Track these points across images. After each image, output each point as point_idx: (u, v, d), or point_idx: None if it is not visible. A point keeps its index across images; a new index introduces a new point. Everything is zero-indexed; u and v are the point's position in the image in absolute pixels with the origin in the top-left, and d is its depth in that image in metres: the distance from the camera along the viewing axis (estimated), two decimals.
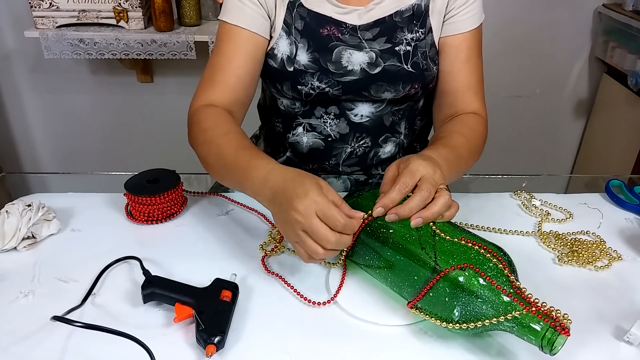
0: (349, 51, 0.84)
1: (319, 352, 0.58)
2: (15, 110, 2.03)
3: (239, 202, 0.86)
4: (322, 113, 0.90)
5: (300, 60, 0.84)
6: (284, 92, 0.89)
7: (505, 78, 2.00)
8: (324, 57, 0.84)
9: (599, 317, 0.64)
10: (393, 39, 0.84)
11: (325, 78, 0.85)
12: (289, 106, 0.92)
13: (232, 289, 0.63)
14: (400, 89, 0.86)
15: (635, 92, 1.74)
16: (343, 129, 0.91)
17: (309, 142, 0.93)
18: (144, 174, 0.83)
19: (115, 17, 1.62)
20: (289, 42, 0.84)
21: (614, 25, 1.82)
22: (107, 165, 2.14)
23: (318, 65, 0.84)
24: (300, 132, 0.93)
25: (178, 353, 0.57)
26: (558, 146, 2.18)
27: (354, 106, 0.89)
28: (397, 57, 0.84)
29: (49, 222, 0.76)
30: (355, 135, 0.92)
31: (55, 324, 0.59)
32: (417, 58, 0.85)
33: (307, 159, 0.96)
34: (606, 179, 0.92)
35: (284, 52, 0.85)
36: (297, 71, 0.84)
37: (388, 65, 0.84)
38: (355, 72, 0.85)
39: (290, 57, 0.84)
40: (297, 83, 0.85)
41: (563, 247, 0.76)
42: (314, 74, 0.84)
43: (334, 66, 0.84)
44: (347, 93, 0.87)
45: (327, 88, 0.85)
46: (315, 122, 0.91)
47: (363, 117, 0.90)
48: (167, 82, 1.97)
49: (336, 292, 0.66)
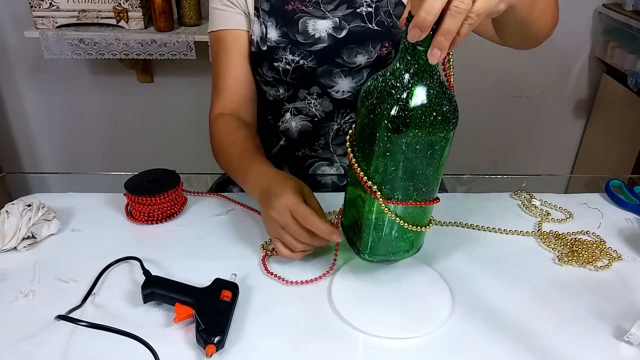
0: (313, 20, 0.90)
1: (319, 352, 0.58)
2: (15, 110, 2.02)
3: (239, 202, 0.86)
4: (305, 95, 0.95)
5: (271, 37, 0.90)
6: (265, 75, 0.93)
7: (505, 78, 2.00)
8: (292, 30, 0.90)
9: (599, 317, 0.64)
10: (353, 4, 0.90)
11: (297, 49, 0.90)
12: (274, 95, 0.97)
13: (232, 289, 0.63)
14: (371, 49, 0.90)
15: (635, 92, 1.74)
16: (327, 107, 0.95)
17: (298, 125, 0.98)
18: (144, 174, 0.83)
19: (115, 17, 1.62)
20: (259, 24, 0.91)
21: (614, 25, 1.82)
22: (107, 165, 2.14)
23: (287, 38, 0.90)
24: (289, 118, 0.97)
25: (178, 353, 0.57)
26: (558, 146, 2.18)
27: (334, 83, 0.93)
28: (360, 17, 0.89)
29: (49, 222, 0.76)
30: (340, 112, 0.96)
31: (55, 324, 0.59)
32: (380, 17, 0.89)
33: (298, 144, 1.00)
34: (606, 179, 0.92)
35: (257, 34, 0.91)
36: (270, 48, 0.90)
37: (353, 26, 0.89)
38: (323, 39, 0.89)
39: (263, 37, 0.90)
40: (273, 60, 0.90)
41: (563, 247, 0.76)
42: (285, 48, 0.90)
43: (302, 37, 0.90)
44: (321, 63, 0.91)
45: (301, 60, 0.90)
46: (300, 105, 0.96)
47: (345, 93, 0.94)
48: (167, 82, 1.97)
49: (331, 265, 0.70)
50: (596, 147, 2.07)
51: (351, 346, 0.59)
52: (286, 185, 0.68)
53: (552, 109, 2.10)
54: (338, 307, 0.64)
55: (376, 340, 0.60)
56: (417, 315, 0.63)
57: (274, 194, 0.67)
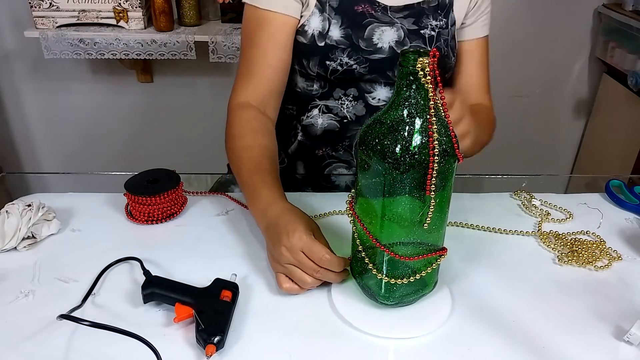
0: (381, 28, 0.87)
1: (319, 352, 0.58)
2: (15, 110, 2.02)
3: (239, 201, 0.86)
4: (340, 95, 0.92)
5: (333, 35, 0.86)
6: (309, 69, 0.89)
7: (505, 78, 2.00)
8: (357, 33, 0.87)
9: (599, 317, 0.64)
10: (419, 23, 0.89)
11: (355, 54, 0.87)
12: (305, 88, 0.94)
13: (232, 289, 0.63)
14: None
15: (635, 92, 1.74)
16: (360, 111, 0.93)
17: (324, 123, 0.95)
18: (144, 174, 0.83)
19: (115, 17, 1.62)
20: (322, 19, 0.86)
21: (614, 25, 1.82)
22: (107, 165, 2.14)
23: (350, 41, 0.86)
24: (316, 114, 0.95)
25: (178, 353, 0.57)
26: (558, 146, 2.18)
27: (373, 89, 0.92)
28: (422, 39, 0.89)
29: (49, 222, 0.76)
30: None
31: (55, 323, 0.59)
32: (440, 44, 0.90)
33: (320, 141, 0.97)
34: (606, 179, 0.92)
35: (316, 28, 0.86)
36: (328, 46, 0.86)
37: (414, 45, 0.89)
38: (384, 50, 0.88)
39: (322, 33, 0.86)
40: (326, 58, 0.87)
41: (563, 247, 0.76)
42: (344, 50, 0.86)
43: (365, 43, 0.87)
44: (373, 72, 0.89)
45: (355, 65, 0.88)
46: (332, 104, 0.93)
47: (380, 101, 0.93)
48: (167, 82, 1.97)
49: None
50: (596, 147, 2.07)
51: (351, 346, 0.59)
52: (297, 223, 0.65)
53: (552, 109, 2.10)
54: (338, 307, 0.64)
55: (376, 340, 0.60)
56: (417, 315, 0.63)
57: (285, 232, 0.64)
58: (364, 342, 0.60)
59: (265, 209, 0.70)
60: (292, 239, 0.63)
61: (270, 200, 0.71)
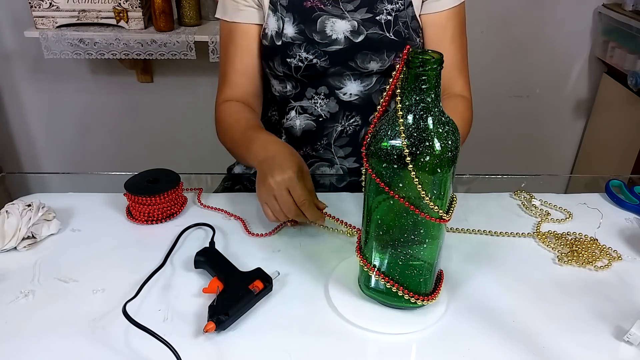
0: (332, 19, 0.88)
1: (319, 352, 0.58)
2: (15, 110, 2.02)
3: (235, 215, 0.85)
4: (312, 94, 0.94)
5: (287, 33, 0.89)
6: (275, 69, 0.93)
7: (505, 78, 2.00)
8: (309, 28, 0.88)
9: (599, 317, 0.64)
10: (373, 10, 0.88)
11: (312, 48, 0.89)
12: (281, 91, 0.96)
13: (265, 282, 0.65)
14: (385, 57, 0.89)
15: (635, 92, 1.74)
16: (333, 108, 0.95)
17: (302, 124, 0.97)
18: (144, 174, 0.83)
19: (115, 17, 1.62)
20: (276, 19, 0.89)
21: (614, 25, 1.82)
22: (107, 165, 2.14)
23: (304, 36, 0.89)
24: (293, 116, 0.97)
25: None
26: (558, 146, 2.18)
27: (343, 85, 0.93)
28: (379, 25, 0.88)
29: (49, 222, 0.76)
30: (345, 114, 0.95)
31: (54, 324, 0.59)
32: (399, 27, 0.89)
33: (301, 142, 0.99)
34: (606, 179, 0.92)
35: (273, 28, 0.90)
36: (285, 44, 0.89)
37: (370, 33, 0.88)
38: (339, 41, 0.89)
39: (278, 32, 0.89)
40: (286, 56, 0.90)
41: (563, 247, 0.76)
42: (300, 45, 0.89)
43: (319, 36, 0.88)
44: (335, 64, 0.90)
45: (315, 59, 0.89)
46: (306, 104, 0.95)
47: (352, 96, 0.93)
48: (167, 82, 1.97)
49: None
50: (596, 147, 2.07)
51: (352, 346, 0.59)
52: (291, 162, 0.72)
53: (552, 109, 2.10)
54: (337, 305, 0.64)
55: (376, 336, 0.60)
56: (417, 313, 0.63)
57: (278, 166, 0.72)
58: (363, 339, 0.60)
59: (265, 145, 0.78)
60: (283, 174, 0.71)
61: (271, 139, 0.79)
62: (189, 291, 0.66)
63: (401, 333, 0.61)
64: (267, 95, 1.02)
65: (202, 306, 0.63)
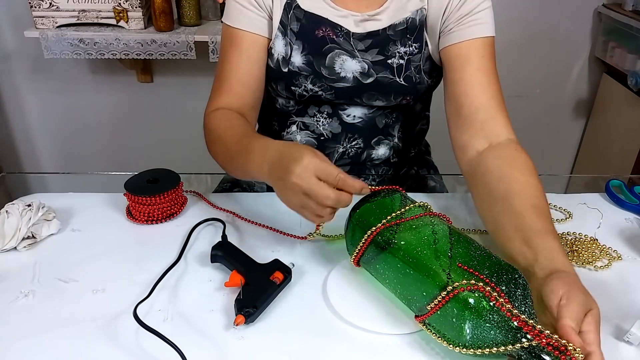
0: (342, 57, 0.84)
1: (319, 353, 0.58)
2: (15, 110, 2.02)
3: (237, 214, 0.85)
4: (315, 112, 0.91)
5: (295, 62, 0.85)
6: (279, 92, 0.90)
7: (505, 78, 1.98)
8: (318, 61, 0.85)
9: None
10: (385, 52, 0.84)
11: (319, 82, 0.86)
12: (283, 105, 0.93)
13: (285, 273, 0.65)
14: (392, 99, 0.87)
15: (635, 92, 1.74)
16: (335, 129, 0.92)
17: (302, 140, 0.94)
18: (144, 174, 0.83)
19: (115, 17, 1.62)
20: (284, 43, 0.85)
21: (614, 25, 1.82)
22: (107, 165, 2.14)
23: (312, 68, 0.85)
24: (294, 131, 0.94)
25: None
26: (558, 146, 2.18)
27: (347, 107, 0.90)
28: (390, 69, 0.85)
29: (49, 222, 0.76)
30: (347, 136, 0.92)
31: (54, 324, 0.59)
32: (410, 72, 0.85)
33: None
34: (606, 179, 0.92)
35: (280, 52, 0.86)
36: (292, 72, 0.85)
37: (380, 77, 0.85)
38: (348, 80, 0.85)
39: (285, 58, 0.85)
40: (291, 84, 0.87)
41: (563, 246, 0.76)
42: (307, 77, 0.85)
43: (327, 71, 0.85)
44: (340, 98, 0.88)
45: (320, 92, 0.87)
46: (308, 121, 0.92)
47: (355, 118, 0.91)
48: (167, 82, 1.97)
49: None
50: (596, 147, 2.07)
51: (352, 346, 0.59)
52: (303, 149, 0.62)
53: (552, 109, 2.10)
54: (335, 306, 0.64)
55: (375, 336, 0.60)
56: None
57: (292, 159, 0.60)
58: (362, 339, 0.60)
59: (264, 152, 0.68)
60: (302, 162, 0.60)
61: (268, 144, 0.69)
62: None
63: (401, 333, 0.61)
64: (270, 105, 0.97)
65: (202, 305, 0.63)
